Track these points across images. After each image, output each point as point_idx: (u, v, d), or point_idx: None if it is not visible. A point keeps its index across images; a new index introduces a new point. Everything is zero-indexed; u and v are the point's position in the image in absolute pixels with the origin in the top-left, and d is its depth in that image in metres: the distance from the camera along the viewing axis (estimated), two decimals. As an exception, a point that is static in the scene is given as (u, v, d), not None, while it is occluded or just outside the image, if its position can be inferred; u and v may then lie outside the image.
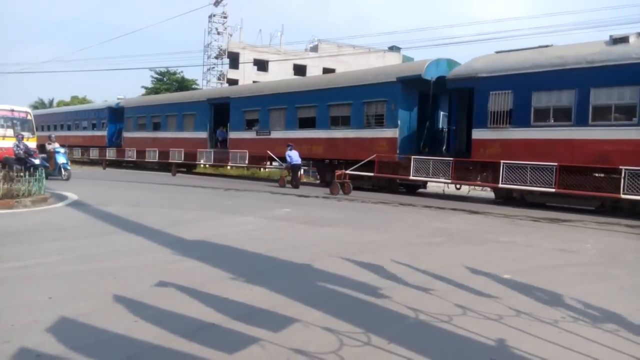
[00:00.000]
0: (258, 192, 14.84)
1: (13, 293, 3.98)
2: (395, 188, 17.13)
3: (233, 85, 19.93)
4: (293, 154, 16.93)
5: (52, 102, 64.59)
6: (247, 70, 49.34)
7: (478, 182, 14.50)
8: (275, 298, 3.95)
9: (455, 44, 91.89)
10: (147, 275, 4.59)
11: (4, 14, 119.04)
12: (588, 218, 10.71)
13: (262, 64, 50.37)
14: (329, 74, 20.32)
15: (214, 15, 49.69)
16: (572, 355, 3.01)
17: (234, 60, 49.72)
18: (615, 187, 11.09)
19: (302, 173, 25.80)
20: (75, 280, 4.37)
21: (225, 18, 50.06)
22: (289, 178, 17.02)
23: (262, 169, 24.90)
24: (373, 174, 15.69)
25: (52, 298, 3.80)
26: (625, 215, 11.17)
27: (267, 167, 22.72)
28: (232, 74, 49.40)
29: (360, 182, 16.31)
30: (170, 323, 3.30)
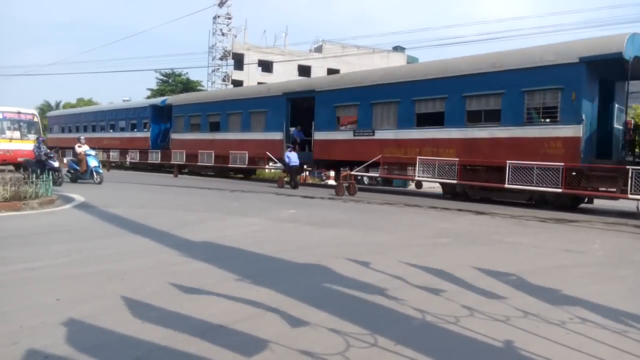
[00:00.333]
0: (263, 193, 14.86)
1: (20, 295, 4.00)
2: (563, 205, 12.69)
3: (318, 76, 16.52)
4: (292, 155, 17.16)
5: (58, 104, 64.95)
6: (251, 72, 49.46)
7: None
8: (281, 299, 3.95)
9: (459, 44, 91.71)
10: (153, 277, 4.60)
11: (10, 17, 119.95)
12: (595, 218, 10.65)
13: (266, 65, 50.48)
14: (465, 57, 15.09)
15: (219, 17, 49.88)
16: (579, 357, 2.99)
17: (239, 62, 49.86)
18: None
19: (307, 174, 25.96)
20: (83, 282, 4.38)
21: (230, 19, 50.25)
22: (288, 179, 17.28)
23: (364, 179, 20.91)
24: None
25: (59, 300, 3.81)
26: (629, 216, 11.08)
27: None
28: (236, 75, 49.54)
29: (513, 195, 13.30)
30: (177, 324, 3.30)
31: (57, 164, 14.79)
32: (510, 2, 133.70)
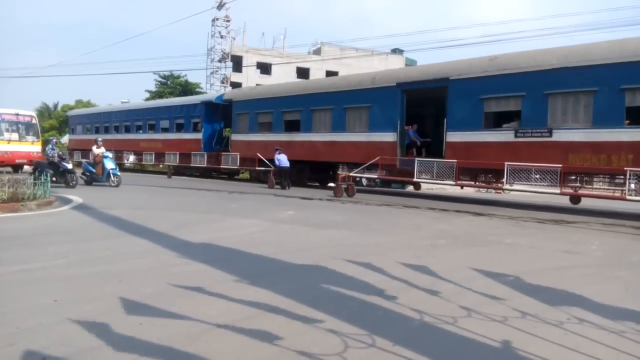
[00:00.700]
0: (262, 194, 14.86)
1: (18, 296, 4.00)
2: None
3: (455, 60, 14.49)
4: (282, 158, 17.71)
5: (56, 105, 64.75)
6: (250, 74, 49.49)
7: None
8: (280, 300, 3.95)
9: (459, 47, 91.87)
10: (152, 278, 4.60)
11: (8, 19, 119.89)
12: (593, 219, 10.67)
13: (265, 67, 50.51)
14: None
15: (217, 19, 49.88)
16: (577, 357, 2.99)
17: (237, 64, 49.88)
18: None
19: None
20: (81, 283, 4.38)
21: (229, 21, 50.25)
22: (278, 180, 17.88)
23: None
24: None
25: (57, 301, 3.81)
26: (627, 217, 11.10)
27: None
28: (235, 77, 49.56)
29: None
30: (175, 325, 3.30)
31: (70, 166, 14.70)
32: (510, 4, 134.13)
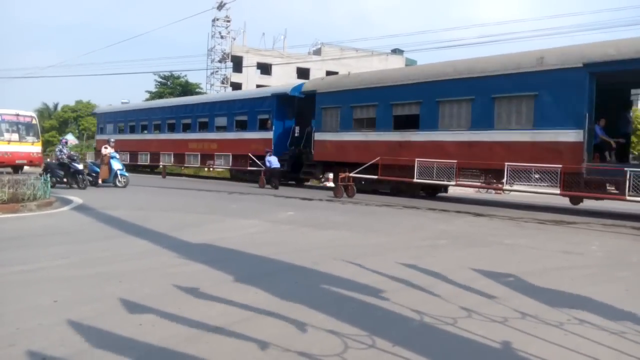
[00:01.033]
0: (262, 195, 14.86)
1: (18, 297, 3.99)
2: None
3: None
4: (272, 160, 18.40)
5: (56, 106, 64.78)
6: (250, 74, 49.51)
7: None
8: (280, 301, 3.95)
9: (458, 47, 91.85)
10: (152, 279, 4.60)
11: (8, 19, 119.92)
12: (594, 220, 10.66)
13: (265, 68, 50.56)
14: None
15: (217, 19, 49.92)
16: (577, 358, 2.99)
17: (238, 64, 49.93)
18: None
19: None
20: (80, 284, 4.38)
21: (229, 22, 50.29)
22: (270, 180, 18.51)
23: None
24: None
25: (57, 301, 3.81)
26: (628, 217, 11.10)
27: None
28: (235, 78, 49.60)
29: None
30: (175, 326, 3.30)
31: (81, 167, 14.47)
32: (509, 5, 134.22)
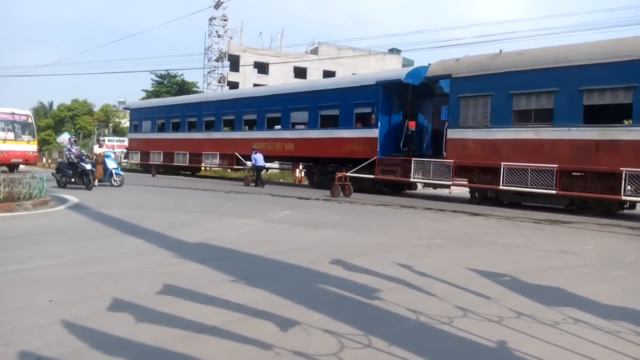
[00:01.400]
0: (258, 194, 14.85)
1: (13, 296, 3.98)
2: None
3: None
4: (258, 157, 18.43)
5: (51, 104, 64.52)
6: (247, 73, 49.44)
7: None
8: (276, 300, 3.95)
9: (456, 46, 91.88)
10: (147, 278, 4.58)
11: (5, 17, 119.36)
12: (589, 220, 10.70)
13: (262, 67, 50.48)
14: None
15: (215, 18, 49.79)
16: (573, 357, 3.00)
17: (235, 63, 49.82)
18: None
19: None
20: (76, 283, 4.36)
21: (226, 21, 50.16)
22: (254, 178, 18.76)
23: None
24: None
25: (52, 301, 3.79)
26: (625, 217, 11.15)
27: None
28: (232, 77, 49.50)
29: None
30: (171, 326, 3.29)
31: (89, 167, 14.19)
32: (506, 5, 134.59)
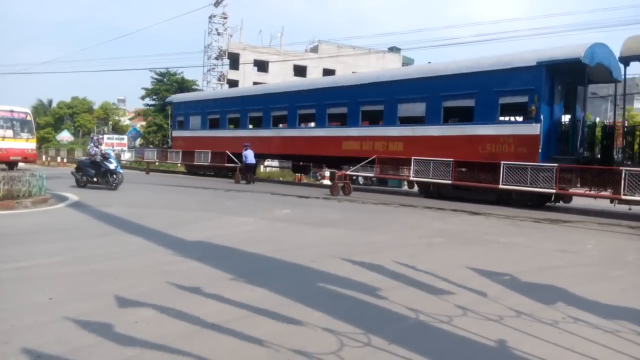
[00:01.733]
0: (258, 193, 14.84)
1: (13, 294, 3.98)
2: None
3: None
4: (249, 154, 18.39)
5: (51, 102, 64.44)
6: (247, 71, 49.38)
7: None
8: (276, 298, 3.95)
9: (455, 45, 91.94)
10: (147, 276, 4.59)
11: (4, 15, 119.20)
12: (589, 219, 10.70)
13: (262, 65, 50.41)
14: None
15: (214, 16, 49.70)
16: (572, 356, 3.00)
17: (234, 61, 49.74)
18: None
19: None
20: (76, 281, 4.36)
21: (226, 19, 50.08)
22: (243, 175, 18.87)
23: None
24: None
25: (52, 299, 3.79)
26: (625, 217, 11.16)
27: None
28: (232, 75, 49.43)
29: None
30: (171, 324, 3.30)
31: (113, 166, 13.91)
32: (505, 4, 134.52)
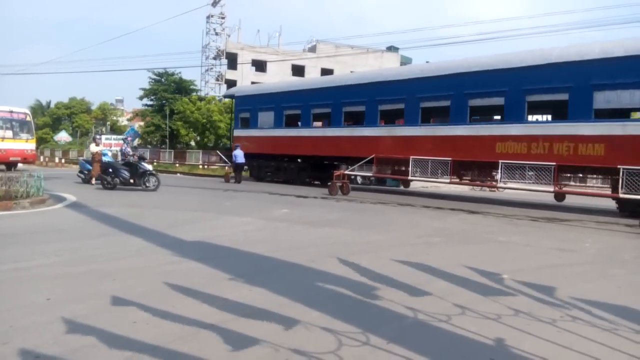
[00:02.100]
0: (256, 192, 14.84)
1: (11, 294, 3.97)
2: None
3: None
4: (239, 154, 18.63)
5: (49, 103, 64.32)
6: (245, 71, 49.37)
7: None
8: (274, 298, 3.95)
9: (454, 44, 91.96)
10: (145, 277, 4.58)
11: (3, 15, 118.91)
12: (587, 217, 10.73)
13: (260, 65, 50.41)
14: None
15: (212, 16, 49.74)
16: (570, 354, 3.01)
17: (232, 61, 49.76)
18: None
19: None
20: (74, 282, 4.36)
21: (223, 19, 50.12)
22: (233, 174, 19.08)
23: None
24: None
25: (50, 299, 3.79)
26: (623, 215, 11.18)
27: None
28: (230, 75, 49.44)
29: None
30: (169, 324, 3.29)
31: (150, 167, 13.69)
32: (504, 2, 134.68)
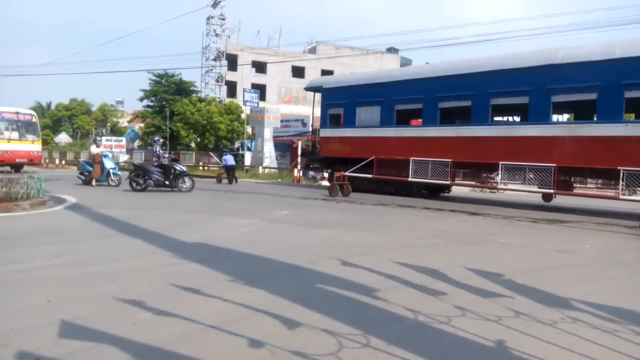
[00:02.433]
0: (257, 194, 14.84)
1: (11, 296, 3.97)
2: None
3: None
4: (228, 158, 20.26)
5: (49, 105, 64.32)
6: (245, 72, 49.41)
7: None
8: (274, 300, 3.95)
9: (453, 45, 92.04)
10: (146, 278, 4.58)
11: (2, 17, 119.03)
12: (587, 219, 10.72)
13: (260, 66, 50.45)
14: None
15: (212, 17, 49.78)
16: (571, 356, 3.01)
17: (232, 62, 49.81)
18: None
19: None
20: (74, 284, 4.36)
21: (223, 20, 50.16)
22: (225, 175, 20.36)
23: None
24: None
25: (50, 301, 3.79)
26: (623, 216, 11.18)
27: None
28: (230, 76, 49.49)
29: None
30: (169, 326, 3.29)
31: (185, 168, 13.48)
32: (503, 4, 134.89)
